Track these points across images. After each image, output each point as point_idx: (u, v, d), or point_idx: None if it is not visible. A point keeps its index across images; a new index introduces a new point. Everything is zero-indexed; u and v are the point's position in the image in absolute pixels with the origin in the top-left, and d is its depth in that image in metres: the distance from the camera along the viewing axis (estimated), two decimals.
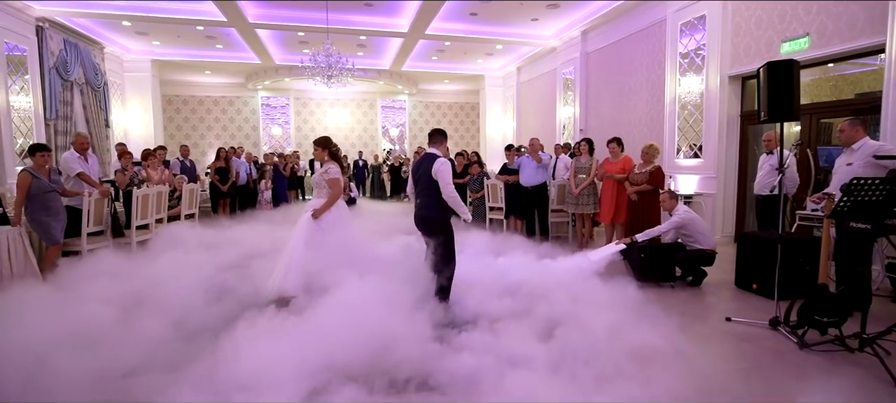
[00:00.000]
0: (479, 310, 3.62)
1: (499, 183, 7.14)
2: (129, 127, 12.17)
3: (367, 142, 16.41)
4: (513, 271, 4.52)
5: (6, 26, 7.90)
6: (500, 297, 3.90)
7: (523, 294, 3.93)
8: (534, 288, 3.98)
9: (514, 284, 4.16)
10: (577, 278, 4.28)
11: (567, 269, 4.57)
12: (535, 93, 12.73)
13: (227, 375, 2.42)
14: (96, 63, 10.45)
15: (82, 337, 2.91)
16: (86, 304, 3.43)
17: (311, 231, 4.01)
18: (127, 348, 2.89)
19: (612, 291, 3.85)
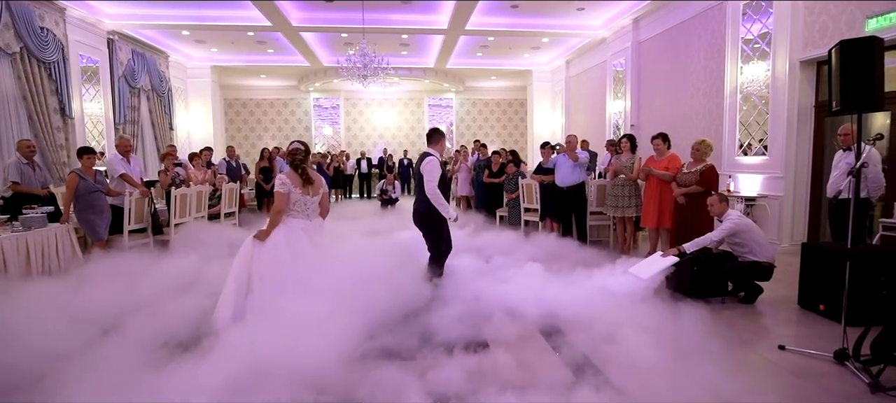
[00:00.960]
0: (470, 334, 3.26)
1: (534, 183, 6.78)
2: (192, 129, 12.97)
3: (415, 141, 16.43)
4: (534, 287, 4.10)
5: (81, 40, 8.63)
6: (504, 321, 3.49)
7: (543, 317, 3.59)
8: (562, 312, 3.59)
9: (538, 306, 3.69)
10: (620, 298, 3.79)
11: (612, 288, 4.03)
12: (584, 88, 12.10)
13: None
14: (161, 71, 11.21)
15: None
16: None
17: (247, 254, 3.33)
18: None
19: (653, 311, 3.48)
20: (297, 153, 3.43)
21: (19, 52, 7.15)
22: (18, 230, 4.33)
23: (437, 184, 3.91)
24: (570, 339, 3.21)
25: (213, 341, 2.77)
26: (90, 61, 8.93)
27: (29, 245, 4.33)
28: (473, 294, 3.89)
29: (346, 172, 13.82)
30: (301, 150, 3.45)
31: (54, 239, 4.64)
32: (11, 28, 7.01)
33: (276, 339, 2.60)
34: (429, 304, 3.64)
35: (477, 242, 6.10)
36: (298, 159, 3.42)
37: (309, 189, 3.39)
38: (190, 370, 2.43)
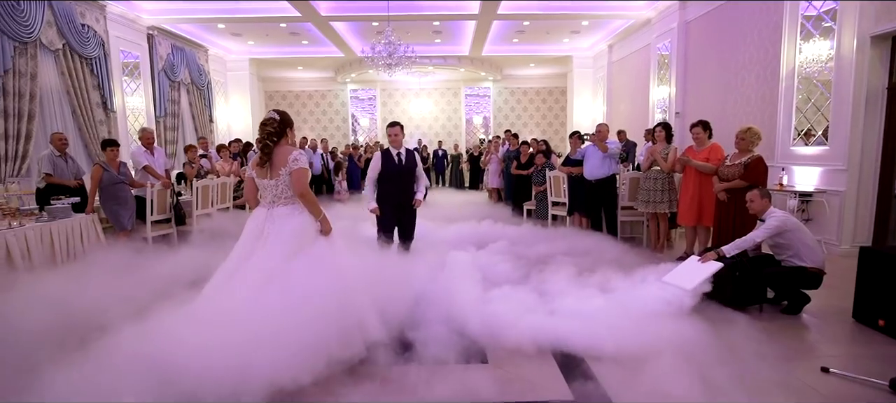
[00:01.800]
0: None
1: (562, 175, 6.38)
2: (232, 121, 13.35)
3: (451, 132, 16.20)
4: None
5: (122, 36, 8.99)
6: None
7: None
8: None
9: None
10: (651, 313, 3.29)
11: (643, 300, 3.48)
12: (626, 74, 11.38)
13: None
14: (200, 64, 11.55)
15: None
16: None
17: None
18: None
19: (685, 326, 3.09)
20: (264, 125, 2.88)
21: (62, 48, 7.51)
22: (44, 220, 4.49)
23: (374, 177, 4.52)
24: (590, 368, 2.73)
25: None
26: (131, 56, 9.30)
27: (53, 234, 4.48)
28: (460, 303, 3.36)
29: None
30: (273, 121, 2.87)
31: (79, 229, 4.79)
32: (54, 26, 7.35)
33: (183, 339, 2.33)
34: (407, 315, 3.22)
35: (488, 234, 5.80)
36: (263, 133, 2.88)
37: (266, 171, 2.86)
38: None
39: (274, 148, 2.86)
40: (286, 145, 2.92)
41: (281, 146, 2.89)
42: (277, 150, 2.86)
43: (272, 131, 2.86)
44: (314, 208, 2.91)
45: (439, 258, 4.35)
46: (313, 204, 2.91)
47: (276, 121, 2.88)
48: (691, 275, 3.58)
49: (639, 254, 5.25)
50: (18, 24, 6.71)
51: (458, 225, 6.37)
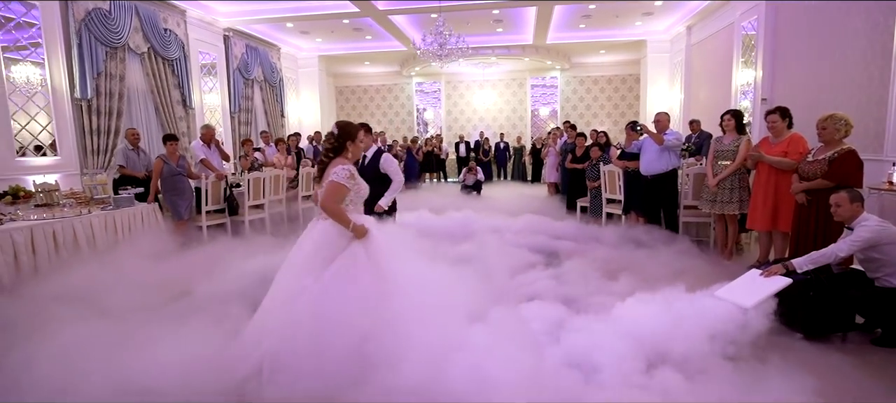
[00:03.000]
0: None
1: (617, 170, 5.84)
2: (303, 116, 14.01)
3: (516, 124, 15.74)
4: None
5: (201, 38, 9.72)
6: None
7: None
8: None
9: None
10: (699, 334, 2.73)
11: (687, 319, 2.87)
12: (707, 57, 10.24)
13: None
14: (273, 62, 12.21)
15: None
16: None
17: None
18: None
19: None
20: (325, 139, 2.85)
21: (147, 51, 8.25)
22: (110, 208, 4.91)
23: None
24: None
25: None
26: (208, 57, 10.03)
27: (117, 222, 4.90)
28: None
29: (440, 156, 13.75)
30: (330, 136, 2.80)
31: (140, 218, 5.20)
32: (140, 31, 8.09)
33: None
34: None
35: (522, 228, 5.47)
36: (323, 149, 2.83)
37: (320, 184, 2.81)
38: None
39: (328, 164, 2.77)
40: (341, 158, 2.79)
41: (336, 161, 2.76)
42: (328, 165, 2.78)
43: (329, 147, 2.79)
44: (340, 221, 2.66)
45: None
46: (337, 216, 2.66)
47: (333, 136, 2.79)
48: (751, 291, 3.03)
49: (700, 259, 4.65)
50: (110, 31, 7.45)
51: (486, 217, 6.10)
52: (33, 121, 6.59)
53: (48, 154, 6.78)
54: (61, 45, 6.86)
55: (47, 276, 3.90)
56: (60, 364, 2.35)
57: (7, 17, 6.23)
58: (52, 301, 3.32)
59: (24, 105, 6.48)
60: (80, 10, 7.01)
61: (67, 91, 6.94)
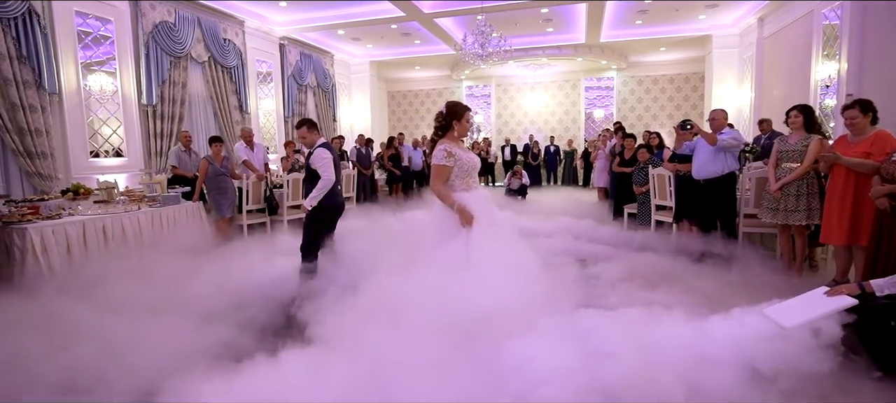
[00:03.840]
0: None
1: (666, 174, 5.37)
2: (354, 120, 14.34)
3: (569, 127, 15.19)
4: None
5: (258, 47, 10.21)
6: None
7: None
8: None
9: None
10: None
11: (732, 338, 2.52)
12: (781, 51, 9.28)
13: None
14: (326, 69, 12.61)
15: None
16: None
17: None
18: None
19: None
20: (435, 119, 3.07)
21: (208, 60, 8.77)
22: (157, 206, 5.20)
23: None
24: None
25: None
26: (265, 65, 10.51)
27: (163, 218, 5.17)
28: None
29: (488, 160, 13.53)
30: (439, 115, 3.03)
31: (185, 215, 5.46)
32: (202, 41, 8.62)
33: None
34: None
35: (568, 233, 5.14)
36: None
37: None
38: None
39: (435, 144, 2.98)
40: (447, 138, 2.99)
41: (440, 142, 2.96)
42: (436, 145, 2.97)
43: (436, 127, 3.03)
44: (444, 201, 2.88)
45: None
46: (441, 196, 2.88)
47: (441, 115, 2.98)
48: (804, 311, 2.59)
49: (758, 274, 4.12)
50: (174, 42, 7.99)
51: (520, 219, 5.82)
52: (105, 125, 7.17)
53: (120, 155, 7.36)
54: (131, 56, 7.43)
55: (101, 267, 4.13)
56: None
57: (85, 31, 6.83)
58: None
59: (98, 111, 7.07)
60: (149, 23, 7.56)
61: (135, 98, 7.50)
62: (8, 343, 2.67)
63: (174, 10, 7.98)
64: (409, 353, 2.26)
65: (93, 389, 2.21)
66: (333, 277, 3.51)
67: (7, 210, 4.22)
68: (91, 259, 4.30)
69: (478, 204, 2.89)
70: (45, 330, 2.84)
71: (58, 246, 4.12)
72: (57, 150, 6.39)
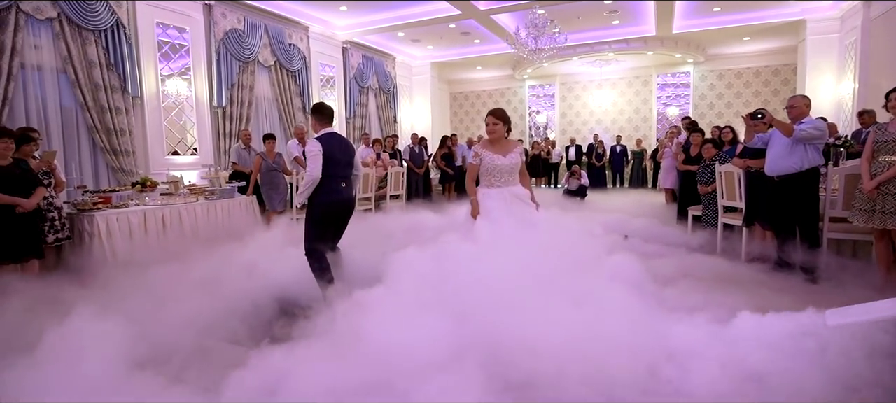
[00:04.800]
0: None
1: (735, 171, 4.77)
2: (415, 121, 14.51)
3: (639, 126, 14.27)
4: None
5: (322, 51, 10.65)
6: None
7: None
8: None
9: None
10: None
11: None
12: (893, 35, 8.00)
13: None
14: (387, 71, 12.88)
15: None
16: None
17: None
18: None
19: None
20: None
21: (274, 64, 9.27)
22: (213, 199, 5.52)
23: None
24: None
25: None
26: (328, 69, 10.93)
27: (218, 210, 5.48)
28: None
29: (551, 160, 13.07)
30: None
31: (239, 208, 5.75)
32: (269, 46, 9.13)
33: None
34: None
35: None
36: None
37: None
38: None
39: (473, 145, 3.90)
40: (482, 141, 3.60)
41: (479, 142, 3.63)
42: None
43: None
44: (470, 194, 3.53)
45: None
46: (469, 191, 3.56)
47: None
48: (864, 314, 2.12)
49: (843, 289, 3.51)
50: (243, 48, 8.53)
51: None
52: (180, 125, 7.80)
53: (193, 152, 7.97)
54: (204, 62, 8.04)
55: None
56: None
57: (164, 40, 7.48)
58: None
59: (174, 112, 7.70)
60: (220, 30, 8.14)
61: (207, 100, 8.09)
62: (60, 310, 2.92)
63: (243, 18, 8.52)
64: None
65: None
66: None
67: (82, 199, 4.67)
68: (149, 244, 4.63)
69: (493, 201, 3.39)
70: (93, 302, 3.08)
71: (120, 232, 4.48)
72: (138, 148, 7.04)
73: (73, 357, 2.13)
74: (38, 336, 2.25)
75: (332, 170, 3.47)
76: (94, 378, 2.05)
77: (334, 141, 3.55)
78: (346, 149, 3.67)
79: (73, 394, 1.95)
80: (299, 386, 1.97)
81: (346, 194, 3.65)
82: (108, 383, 2.06)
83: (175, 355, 2.47)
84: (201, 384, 2.22)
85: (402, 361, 2.00)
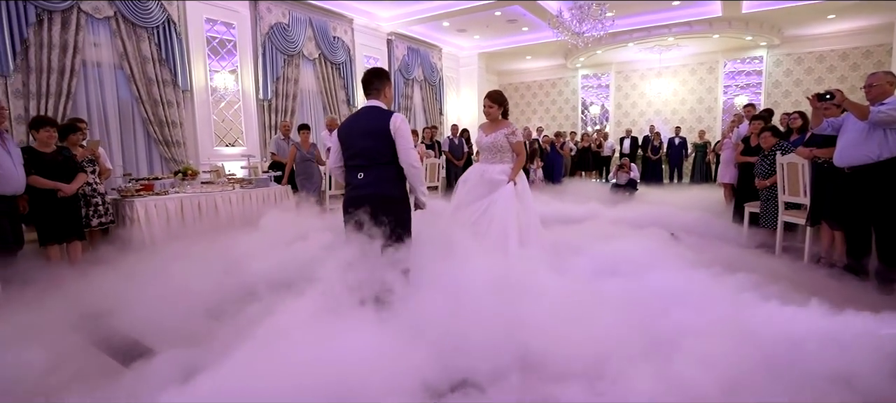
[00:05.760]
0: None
1: (799, 162, 4.19)
2: (462, 114, 14.32)
3: (702, 116, 13.22)
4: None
5: (366, 43, 10.73)
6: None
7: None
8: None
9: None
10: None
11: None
12: None
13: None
14: (433, 63, 12.78)
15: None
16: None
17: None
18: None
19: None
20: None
21: (318, 57, 9.45)
22: (250, 187, 5.68)
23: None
24: None
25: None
26: (372, 60, 10.99)
27: (252, 198, 5.63)
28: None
29: (602, 153, 12.42)
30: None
31: (273, 196, 5.88)
32: (313, 40, 9.31)
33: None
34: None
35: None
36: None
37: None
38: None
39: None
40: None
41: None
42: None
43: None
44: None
45: None
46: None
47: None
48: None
49: None
50: (287, 42, 8.76)
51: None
52: (228, 118, 8.13)
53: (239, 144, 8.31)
54: (250, 55, 8.32)
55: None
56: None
57: (212, 35, 7.81)
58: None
59: (222, 106, 8.04)
60: (266, 25, 8.39)
61: (253, 93, 8.38)
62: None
63: (288, 12, 8.73)
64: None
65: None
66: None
67: (125, 186, 4.94)
68: (185, 229, 4.83)
69: (473, 172, 3.95)
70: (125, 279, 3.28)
71: (158, 217, 4.70)
72: (188, 139, 7.41)
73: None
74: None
75: (347, 159, 2.85)
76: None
77: (357, 123, 2.80)
78: (368, 135, 2.72)
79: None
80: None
81: (362, 188, 2.74)
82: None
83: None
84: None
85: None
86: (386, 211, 2.66)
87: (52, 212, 3.75)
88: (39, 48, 5.74)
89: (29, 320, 2.63)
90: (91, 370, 2.29)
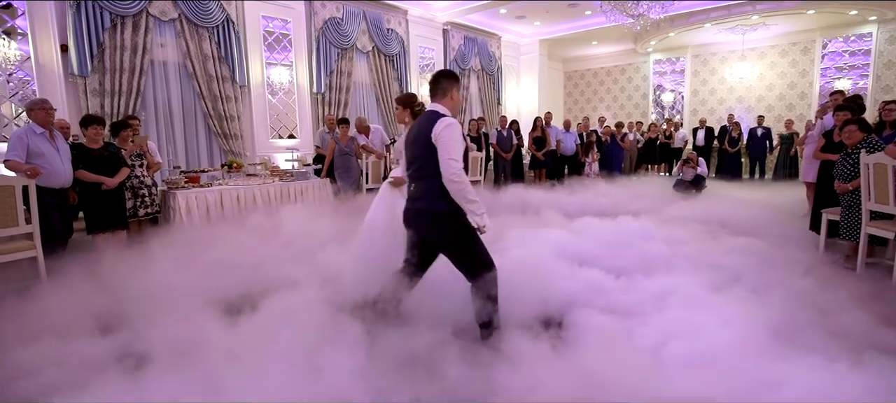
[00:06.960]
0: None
1: (889, 162, 3.48)
2: (521, 103, 13.87)
3: (794, 104, 11.70)
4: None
5: (421, 34, 10.68)
6: None
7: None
8: None
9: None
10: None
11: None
12: None
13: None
14: (491, 52, 12.45)
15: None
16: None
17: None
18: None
19: None
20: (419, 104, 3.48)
21: (371, 50, 9.55)
22: (290, 180, 5.86)
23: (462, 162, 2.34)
24: None
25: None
26: (428, 51, 10.93)
27: (291, 191, 5.80)
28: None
29: (672, 145, 11.42)
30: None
31: (311, 189, 6.02)
32: (367, 33, 9.42)
33: None
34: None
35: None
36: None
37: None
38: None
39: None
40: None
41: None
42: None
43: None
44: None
45: None
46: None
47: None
48: None
49: None
50: (341, 36, 8.93)
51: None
52: (282, 112, 8.48)
53: (293, 136, 8.65)
54: (305, 50, 8.59)
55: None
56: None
57: (269, 31, 8.15)
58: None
59: (278, 99, 8.39)
60: (320, 19, 8.60)
61: (307, 87, 8.66)
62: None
63: (342, 6, 8.89)
64: None
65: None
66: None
67: (172, 178, 5.30)
68: (225, 219, 5.08)
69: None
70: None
71: (198, 208, 4.99)
72: (245, 133, 7.82)
73: None
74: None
75: (406, 169, 2.66)
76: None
77: (413, 129, 2.58)
78: (416, 142, 2.46)
79: None
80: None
81: (411, 201, 2.54)
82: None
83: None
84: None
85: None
86: (434, 228, 2.45)
87: (97, 204, 4.09)
88: (113, 50, 6.31)
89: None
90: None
